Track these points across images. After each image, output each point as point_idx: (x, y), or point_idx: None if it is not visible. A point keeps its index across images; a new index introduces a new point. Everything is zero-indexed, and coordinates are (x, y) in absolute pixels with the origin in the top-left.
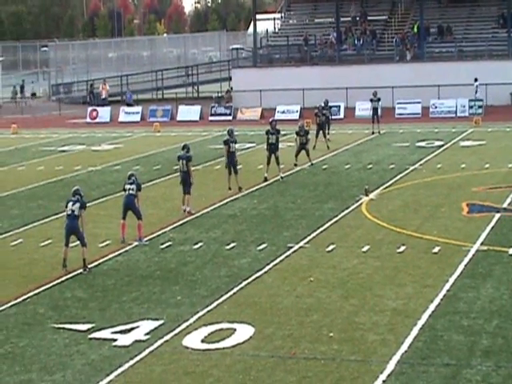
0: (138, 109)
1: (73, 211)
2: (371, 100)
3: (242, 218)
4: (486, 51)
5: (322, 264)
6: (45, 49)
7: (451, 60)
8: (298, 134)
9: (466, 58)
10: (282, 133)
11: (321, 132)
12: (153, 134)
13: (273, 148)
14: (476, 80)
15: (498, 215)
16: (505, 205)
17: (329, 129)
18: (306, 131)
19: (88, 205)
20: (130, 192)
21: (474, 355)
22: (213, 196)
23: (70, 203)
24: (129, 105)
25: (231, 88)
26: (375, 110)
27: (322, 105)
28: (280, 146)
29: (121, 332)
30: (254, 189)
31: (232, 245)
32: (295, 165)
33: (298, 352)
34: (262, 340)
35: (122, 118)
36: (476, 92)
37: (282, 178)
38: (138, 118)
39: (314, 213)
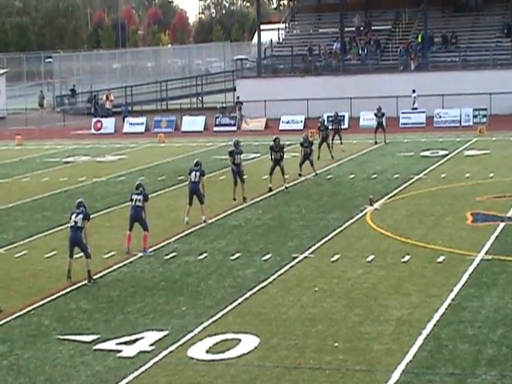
0: (143, 120)
1: (76, 223)
2: (375, 115)
3: (246, 228)
4: (490, 60)
5: (327, 274)
6: (49, 60)
7: (455, 69)
8: (302, 145)
9: (470, 68)
10: (287, 143)
11: (324, 143)
12: (157, 145)
13: (277, 160)
14: (414, 91)
15: (502, 224)
16: (509, 214)
17: (341, 139)
18: (311, 142)
19: (92, 216)
20: (137, 203)
21: (479, 364)
22: (217, 206)
23: (74, 215)
24: (125, 117)
25: (238, 97)
26: (380, 124)
27: (325, 118)
28: (285, 156)
29: (125, 343)
30: (259, 199)
31: (237, 255)
32: (299, 175)
33: (303, 362)
34: (266, 350)
35: (127, 128)
36: (414, 103)
37: (286, 188)
38: (142, 128)
39: (318, 223)
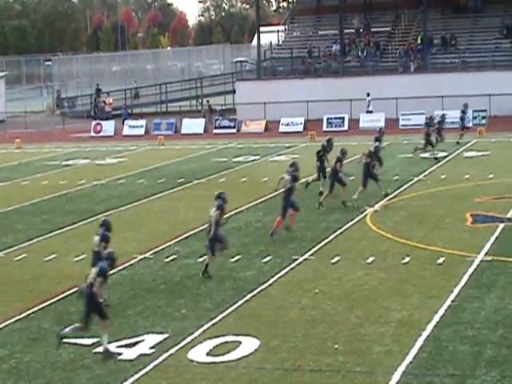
0: (142, 122)
1: (211, 216)
2: (462, 112)
3: (246, 230)
4: (490, 62)
5: (327, 276)
6: (48, 63)
7: (455, 71)
8: (378, 140)
9: (469, 69)
10: (287, 145)
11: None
12: (157, 148)
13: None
14: (368, 95)
15: (502, 225)
16: (509, 215)
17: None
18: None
19: (93, 219)
20: (287, 185)
21: (479, 365)
22: None
23: (212, 209)
24: (125, 120)
25: (207, 101)
26: (463, 121)
27: (427, 121)
28: (285, 158)
29: (126, 346)
30: (259, 201)
31: (237, 257)
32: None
33: (304, 364)
34: (267, 352)
35: (126, 131)
36: (368, 106)
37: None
38: (142, 131)
39: (318, 225)
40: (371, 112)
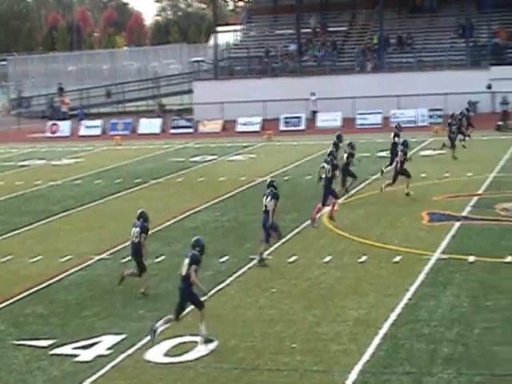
0: (99, 122)
1: (266, 206)
2: (467, 110)
3: (204, 230)
4: (445, 61)
5: (285, 275)
6: (3, 63)
7: (411, 70)
8: (396, 135)
9: (425, 68)
10: (244, 144)
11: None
12: (114, 148)
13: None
14: (314, 94)
15: (457, 224)
16: (464, 213)
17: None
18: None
19: (49, 219)
20: (328, 175)
21: (435, 363)
22: (174, 209)
23: (265, 197)
24: (81, 120)
25: (160, 100)
26: (468, 118)
27: (450, 120)
28: (242, 158)
29: (82, 347)
30: (216, 201)
31: None
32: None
33: (261, 364)
34: (225, 352)
35: (83, 131)
36: (316, 106)
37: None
38: (98, 131)
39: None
40: (317, 112)
